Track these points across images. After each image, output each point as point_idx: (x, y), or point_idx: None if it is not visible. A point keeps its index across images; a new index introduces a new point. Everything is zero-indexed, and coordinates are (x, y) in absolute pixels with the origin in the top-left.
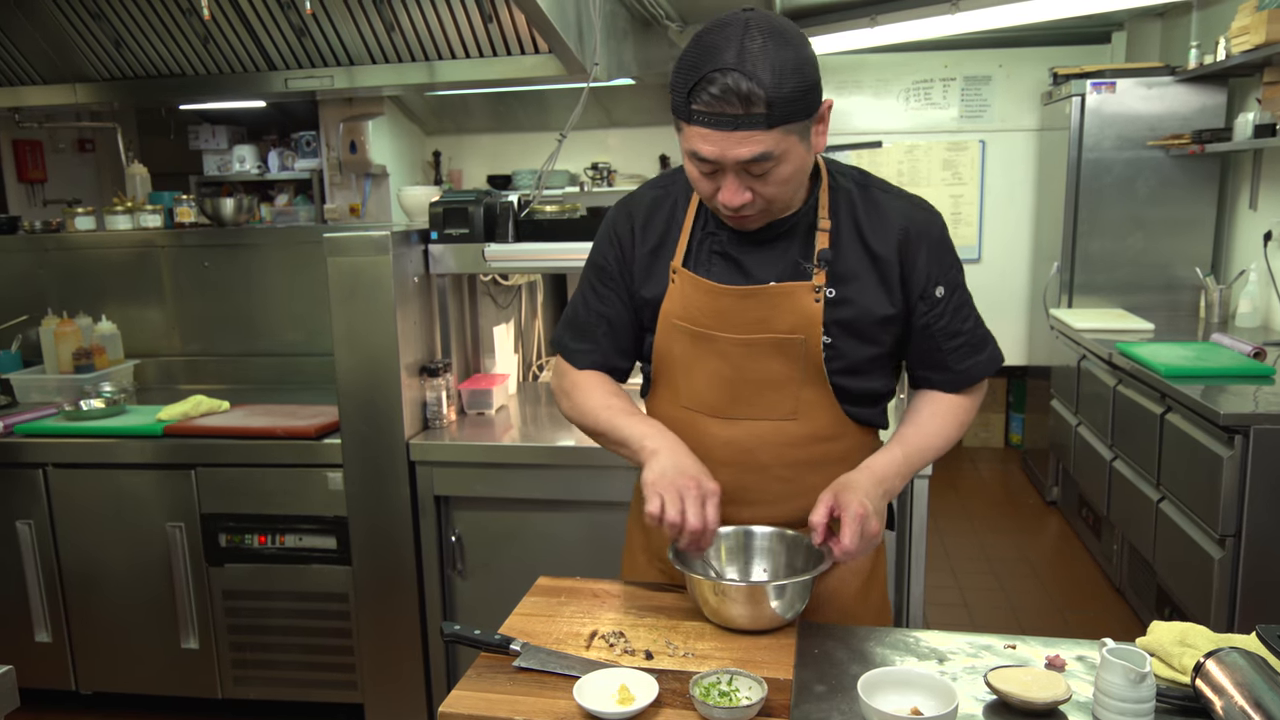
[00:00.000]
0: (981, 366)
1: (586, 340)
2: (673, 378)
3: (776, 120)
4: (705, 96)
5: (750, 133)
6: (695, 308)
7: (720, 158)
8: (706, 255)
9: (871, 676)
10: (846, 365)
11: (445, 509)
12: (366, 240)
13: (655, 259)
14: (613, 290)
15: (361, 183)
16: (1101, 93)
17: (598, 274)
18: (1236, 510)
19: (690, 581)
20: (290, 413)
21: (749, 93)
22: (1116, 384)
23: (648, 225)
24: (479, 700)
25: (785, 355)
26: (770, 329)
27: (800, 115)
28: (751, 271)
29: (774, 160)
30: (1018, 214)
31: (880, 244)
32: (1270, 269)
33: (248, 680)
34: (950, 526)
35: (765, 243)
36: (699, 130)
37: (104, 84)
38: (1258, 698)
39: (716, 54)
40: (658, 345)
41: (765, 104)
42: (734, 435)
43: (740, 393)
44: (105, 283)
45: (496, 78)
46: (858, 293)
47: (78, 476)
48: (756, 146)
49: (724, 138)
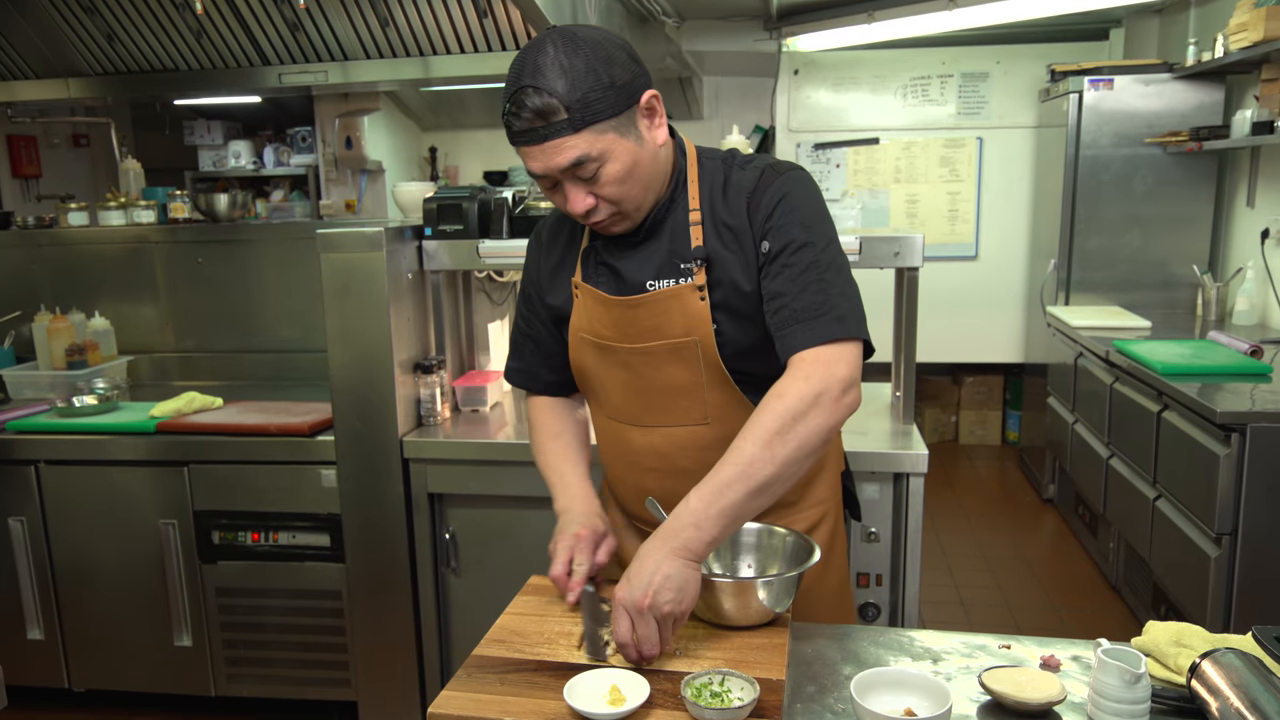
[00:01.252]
0: (796, 337)
1: (518, 359)
2: (593, 390)
3: (580, 123)
4: (514, 118)
5: (560, 140)
6: (596, 320)
7: (545, 170)
8: (594, 267)
9: (865, 677)
10: (738, 350)
11: (439, 506)
12: (360, 236)
13: (557, 274)
14: (533, 312)
15: (357, 178)
16: (1099, 90)
17: (522, 297)
18: (1233, 508)
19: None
20: (284, 409)
21: (544, 105)
22: (1113, 382)
23: (551, 243)
24: (469, 701)
25: (682, 360)
26: (663, 335)
27: (607, 113)
28: (628, 277)
29: (596, 161)
30: (1015, 211)
31: (732, 215)
32: (1267, 266)
33: (241, 678)
34: (947, 524)
35: (637, 245)
36: (522, 149)
37: (97, 79)
38: (1253, 699)
39: (516, 75)
40: (571, 359)
41: (564, 110)
42: (653, 442)
43: (650, 401)
44: (99, 279)
45: (492, 73)
46: (724, 271)
47: (70, 473)
48: (571, 152)
49: (541, 151)
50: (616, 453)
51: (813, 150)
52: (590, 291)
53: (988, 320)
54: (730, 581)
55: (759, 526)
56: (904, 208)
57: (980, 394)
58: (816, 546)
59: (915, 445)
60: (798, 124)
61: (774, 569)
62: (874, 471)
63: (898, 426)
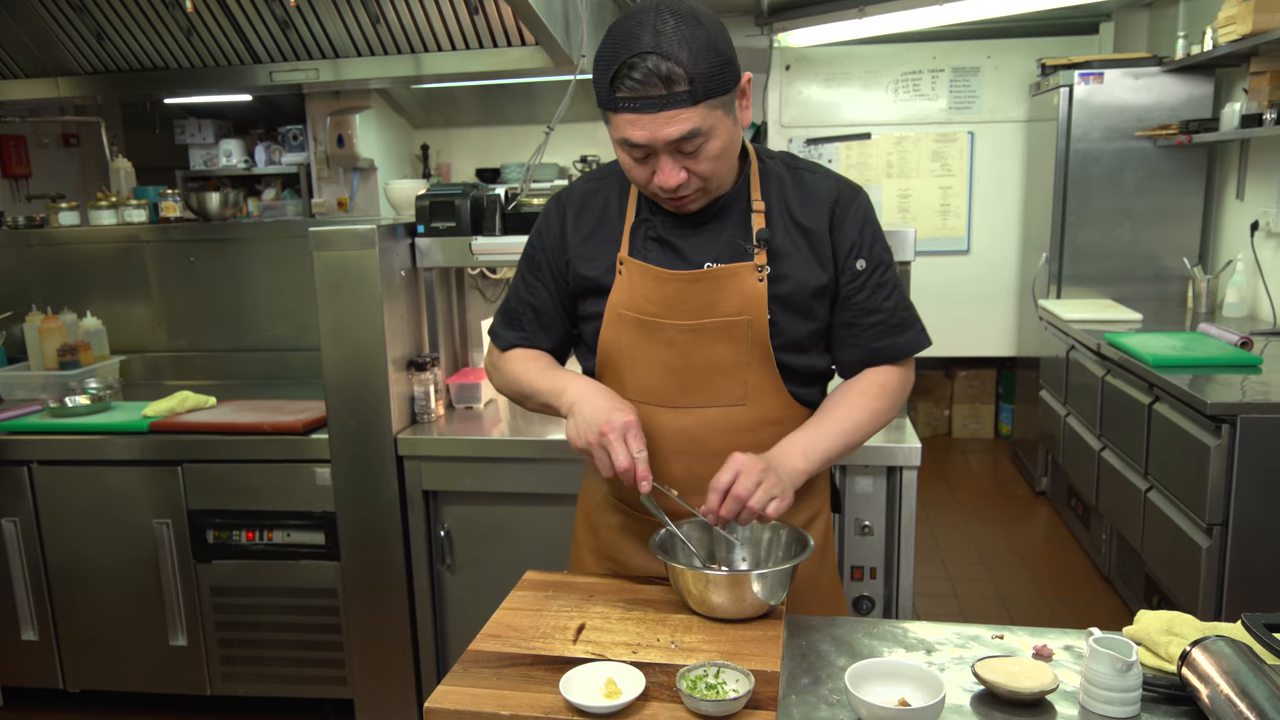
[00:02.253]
0: (899, 347)
1: (515, 328)
2: (619, 370)
3: (700, 96)
4: (628, 83)
5: (676, 111)
6: (642, 296)
7: (651, 140)
8: (643, 242)
9: (859, 668)
10: (788, 342)
11: (434, 504)
12: (353, 234)
13: (592, 241)
14: (540, 280)
15: (349, 176)
16: (1089, 83)
17: (528, 264)
18: (1224, 499)
19: (672, 571)
20: (277, 408)
21: (669, 72)
22: (1105, 374)
23: (582, 214)
24: (465, 695)
25: (731, 339)
26: (716, 312)
27: (721, 89)
28: (688, 255)
29: (703, 136)
30: (1006, 205)
31: (810, 219)
32: (1257, 259)
33: (236, 677)
34: (940, 517)
35: (699, 226)
36: (626, 117)
37: (87, 77)
38: (1243, 686)
39: (633, 40)
40: (604, 337)
41: (687, 81)
42: (685, 424)
43: (689, 381)
44: (90, 278)
45: (483, 70)
46: (792, 268)
47: (63, 474)
48: (684, 124)
49: (651, 120)
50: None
51: (805, 145)
52: (639, 266)
53: (980, 314)
54: (725, 575)
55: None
56: (896, 202)
57: (973, 387)
58: (810, 539)
59: (908, 439)
60: (790, 119)
61: (769, 562)
62: (867, 465)
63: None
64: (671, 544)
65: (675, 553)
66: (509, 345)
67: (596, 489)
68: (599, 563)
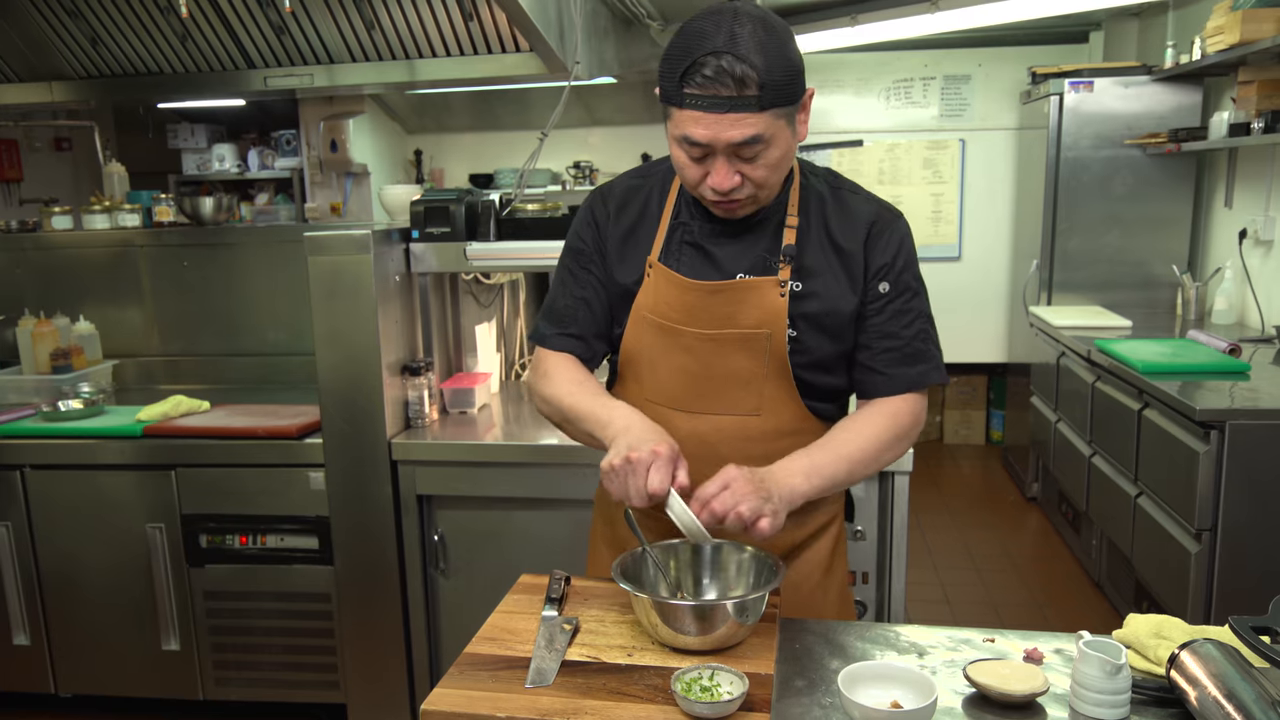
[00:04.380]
0: (908, 379)
1: (563, 325)
2: (639, 371)
3: (768, 103)
4: (698, 79)
5: (743, 115)
6: (665, 302)
7: (713, 140)
8: (678, 246)
9: (852, 670)
10: (812, 360)
11: (427, 508)
12: (347, 239)
13: (627, 245)
14: (591, 272)
15: (342, 181)
16: (1079, 92)
17: (575, 257)
18: (1212, 505)
19: (636, 602)
20: (271, 412)
21: (742, 75)
22: (1095, 380)
23: (622, 210)
24: (461, 698)
25: (750, 350)
26: (736, 324)
27: (788, 100)
28: (721, 263)
29: (764, 143)
30: (997, 212)
31: (847, 239)
32: (1245, 266)
33: (229, 681)
34: (932, 522)
35: (736, 235)
36: (691, 114)
37: (81, 82)
38: (1231, 688)
39: (707, 39)
40: (628, 338)
41: (758, 86)
42: (697, 429)
43: (705, 388)
44: (83, 283)
45: (477, 76)
46: (824, 287)
47: (56, 478)
48: (749, 129)
49: (716, 120)
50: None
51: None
52: (665, 273)
53: (971, 321)
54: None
55: (724, 544)
56: None
57: (964, 394)
58: (781, 568)
59: None
60: None
61: (738, 589)
62: None
63: None
64: (637, 568)
65: (643, 579)
66: (560, 343)
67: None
68: (615, 555)
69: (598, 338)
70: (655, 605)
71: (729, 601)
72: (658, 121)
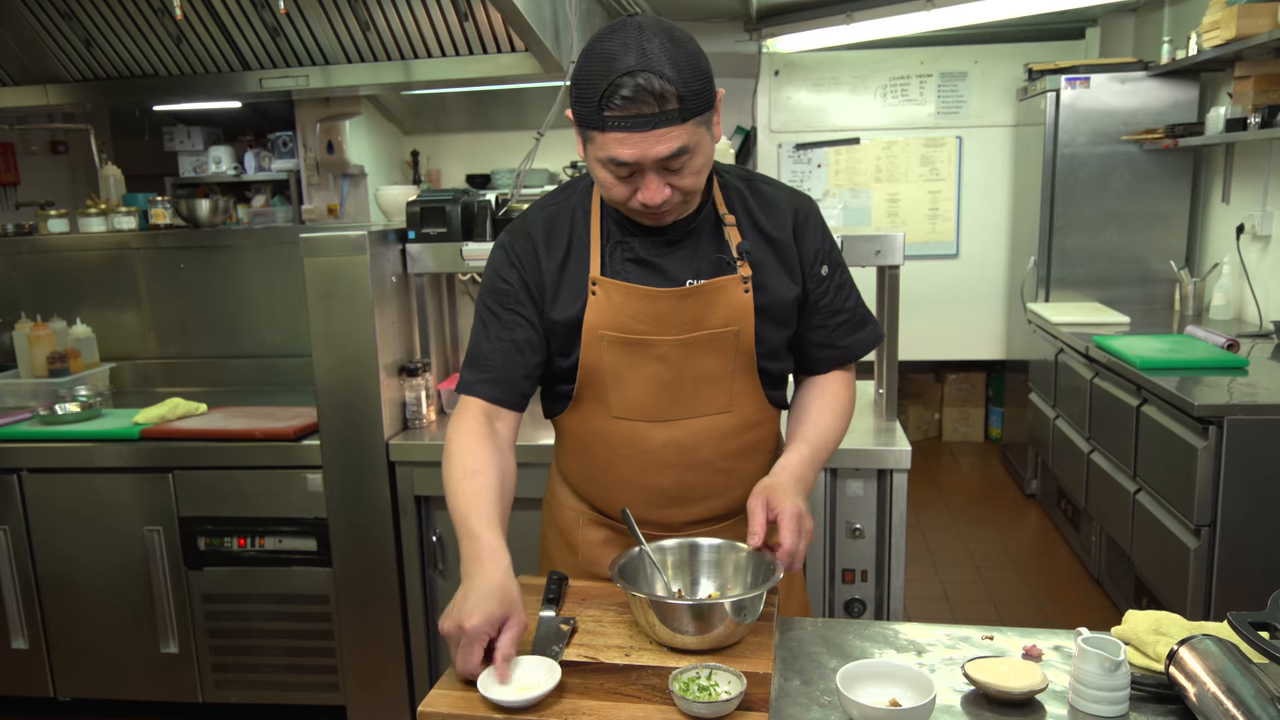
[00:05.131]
0: (863, 342)
1: (486, 370)
2: (602, 390)
3: (689, 113)
4: (618, 100)
5: (667, 129)
6: (627, 315)
7: (640, 159)
8: (621, 264)
9: (850, 669)
10: (767, 350)
11: (426, 509)
12: (344, 240)
13: (564, 275)
14: (518, 313)
15: (339, 183)
16: (1076, 88)
17: (498, 299)
18: (1211, 500)
19: (634, 602)
20: (268, 414)
21: (661, 90)
22: (1093, 377)
23: (550, 241)
24: (459, 699)
25: (719, 350)
26: (705, 325)
27: (706, 106)
28: (671, 273)
29: (689, 153)
30: (995, 209)
31: (776, 229)
32: (1243, 261)
33: (228, 684)
34: (931, 520)
35: (675, 244)
36: (615, 135)
37: (76, 85)
38: (1230, 684)
39: (618, 59)
40: (584, 360)
41: (677, 99)
42: (674, 436)
43: (679, 394)
44: (79, 286)
45: (473, 76)
46: (768, 278)
47: (53, 481)
48: (674, 142)
49: (642, 138)
50: (625, 455)
51: (794, 150)
52: (620, 287)
53: (969, 318)
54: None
55: (721, 543)
56: (885, 207)
57: (963, 391)
58: (779, 563)
59: (899, 442)
60: (779, 125)
61: (735, 588)
62: (858, 468)
63: (881, 424)
64: (634, 568)
65: (639, 580)
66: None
67: (572, 504)
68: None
69: (525, 378)
70: (653, 605)
71: (727, 601)
72: None
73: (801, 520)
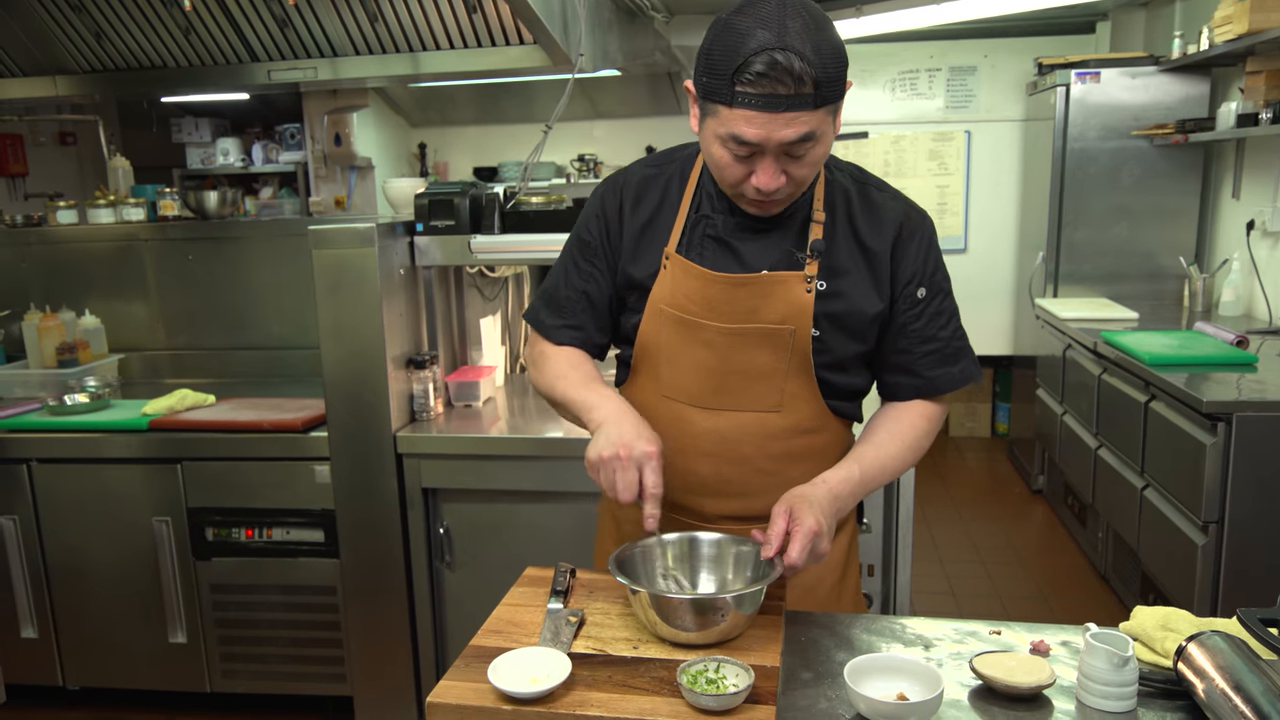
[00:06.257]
0: (952, 378)
1: (564, 316)
2: (655, 366)
3: (822, 100)
4: (752, 76)
5: (798, 113)
6: (684, 295)
7: (765, 140)
8: (699, 240)
9: (858, 663)
10: (833, 360)
11: (433, 501)
12: (352, 232)
13: (644, 238)
14: (596, 266)
15: (347, 175)
16: (1086, 83)
17: (581, 249)
18: (1219, 497)
19: (634, 598)
20: (276, 406)
21: (800, 71)
22: (1101, 373)
23: (639, 203)
24: (468, 690)
25: (773, 346)
26: (760, 319)
27: (838, 96)
28: (745, 259)
29: (814, 141)
30: (1003, 204)
31: (875, 239)
32: (1253, 257)
33: (235, 674)
34: (937, 515)
35: (761, 231)
36: (743, 113)
37: (84, 76)
38: (1238, 680)
39: (757, 33)
40: (643, 331)
41: (814, 83)
42: (717, 425)
43: (725, 383)
44: (88, 277)
45: (481, 69)
46: (850, 287)
47: (62, 472)
48: (803, 127)
49: (770, 119)
50: (668, 436)
51: None
52: (685, 264)
53: (977, 313)
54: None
55: (721, 537)
56: None
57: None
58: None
59: None
60: None
61: (737, 582)
62: None
63: None
64: (634, 560)
65: (637, 574)
66: (559, 335)
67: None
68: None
69: (599, 330)
70: (652, 600)
71: (729, 595)
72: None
73: (816, 539)
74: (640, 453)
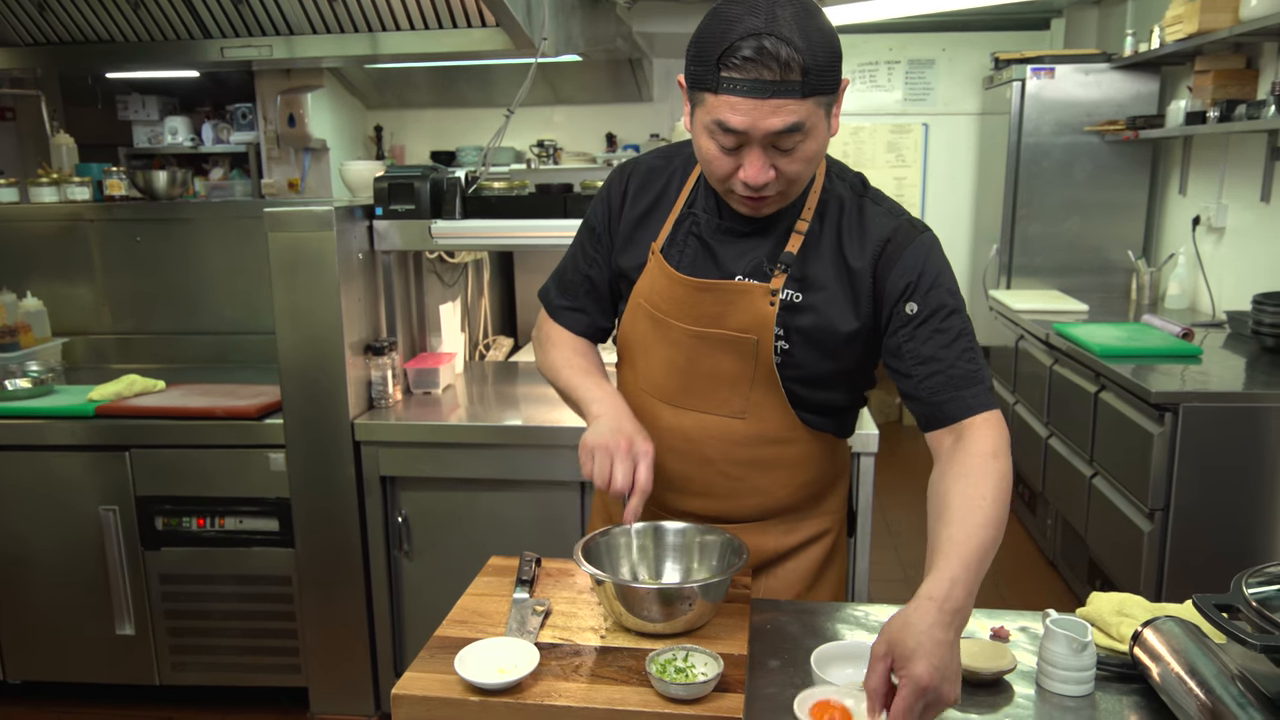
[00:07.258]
0: (966, 405)
1: (570, 298)
2: (634, 358)
3: (810, 89)
4: (738, 61)
5: (784, 101)
6: (657, 292)
7: (750, 128)
8: (684, 237)
9: (824, 650)
10: (804, 375)
11: (391, 489)
12: (310, 215)
13: (638, 230)
14: (599, 252)
15: (300, 157)
16: (1041, 78)
17: (589, 234)
18: (1165, 485)
19: (599, 588)
20: (230, 392)
21: (787, 58)
22: (1053, 363)
23: (641, 193)
24: (433, 681)
25: (738, 353)
26: (723, 325)
27: (830, 87)
28: (723, 262)
29: (803, 134)
30: (959, 196)
31: (856, 256)
32: (1198, 252)
33: (186, 666)
34: (892, 502)
35: (742, 235)
36: (728, 99)
37: (26, 49)
38: (1192, 663)
39: (745, 19)
40: (624, 323)
41: (801, 70)
42: (681, 424)
43: (691, 384)
44: (30, 257)
45: (442, 51)
46: (824, 302)
47: (4, 459)
48: (790, 116)
49: (756, 106)
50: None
51: None
52: (660, 262)
53: None
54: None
55: (686, 526)
56: None
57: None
58: (745, 547)
59: (865, 425)
60: None
61: (701, 572)
62: None
63: None
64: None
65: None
66: (565, 318)
67: None
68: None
69: (602, 314)
70: (618, 590)
71: (695, 584)
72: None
73: (928, 694)
74: (640, 449)
